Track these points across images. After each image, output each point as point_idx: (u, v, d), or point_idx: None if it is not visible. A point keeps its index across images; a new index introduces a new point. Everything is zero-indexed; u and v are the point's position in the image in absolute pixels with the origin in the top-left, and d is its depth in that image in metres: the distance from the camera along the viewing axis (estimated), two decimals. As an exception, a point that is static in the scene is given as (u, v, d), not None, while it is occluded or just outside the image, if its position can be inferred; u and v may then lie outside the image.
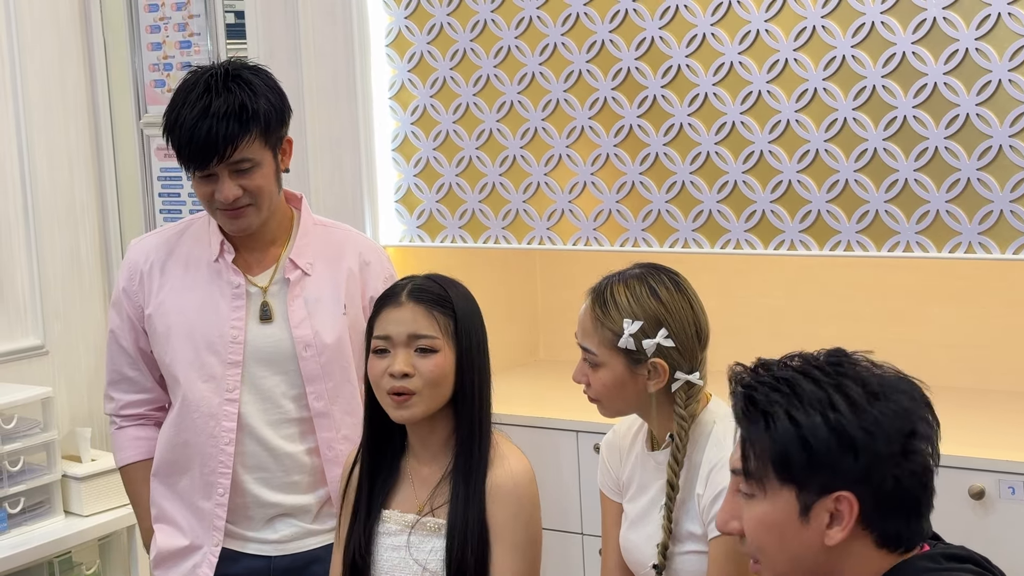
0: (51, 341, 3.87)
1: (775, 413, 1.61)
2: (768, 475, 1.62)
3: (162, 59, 3.90)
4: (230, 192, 2.47)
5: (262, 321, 2.58)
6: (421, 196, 3.58)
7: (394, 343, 2.25)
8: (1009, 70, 2.78)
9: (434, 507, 2.29)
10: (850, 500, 1.59)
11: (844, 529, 1.60)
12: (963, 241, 2.89)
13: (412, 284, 2.29)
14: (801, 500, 1.60)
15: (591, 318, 2.26)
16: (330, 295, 2.61)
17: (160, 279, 2.63)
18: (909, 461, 1.61)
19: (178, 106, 2.48)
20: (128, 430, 2.74)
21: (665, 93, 3.18)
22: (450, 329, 2.26)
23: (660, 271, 2.30)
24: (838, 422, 1.59)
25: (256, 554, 2.63)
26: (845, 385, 1.63)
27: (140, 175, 3.97)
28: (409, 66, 3.53)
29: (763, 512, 1.63)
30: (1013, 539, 2.81)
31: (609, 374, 2.25)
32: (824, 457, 1.59)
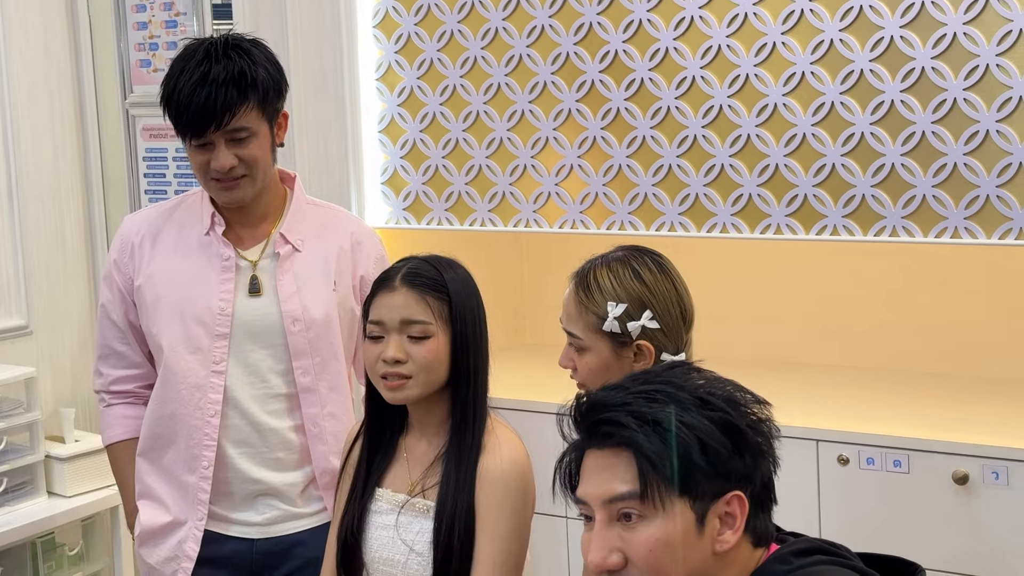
0: (35, 321, 3.85)
1: (666, 421, 1.56)
2: (666, 490, 1.55)
3: (148, 39, 3.88)
4: (226, 161, 2.48)
5: (251, 294, 2.57)
6: (407, 178, 3.57)
7: (387, 328, 2.24)
8: (997, 55, 2.78)
9: (425, 488, 2.28)
10: (742, 499, 1.57)
11: (737, 531, 1.58)
12: (949, 226, 2.89)
13: (407, 268, 2.27)
14: (696, 509, 1.56)
15: (575, 302, 2.25)
16: (320, 271, 2.61)
17: (151, 251, 2.63)
18: (771, 452, 1.62)
19: (176, 74, 2.48)
20: (116, 408, 2.73)
21: (653, 76, 3.17)
22: (444, 313, 2.24)
23: (643, 253, 2.29)
24: (723, 419, 1.58)
25: (239, 536, 2.62)
26: (704, 387, 1.62)
27: (125, 155, 3.96)
28: (396, 47, 3.52)
29: (660, 532, 1.55)
30: (996, 524, 2.82)
31: (595, 358, 2.24)
32: (720, 457, 1.57)
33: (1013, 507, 2.80)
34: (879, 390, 3.38)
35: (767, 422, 1.63)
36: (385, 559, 2.28)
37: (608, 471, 1.59)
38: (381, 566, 2.30)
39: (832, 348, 3.67)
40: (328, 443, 2.61)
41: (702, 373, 1.66)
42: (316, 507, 2.63)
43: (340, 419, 2.63)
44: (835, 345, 3.67)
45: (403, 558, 2.26)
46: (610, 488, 1.58)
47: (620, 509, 1.57)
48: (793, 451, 3.02)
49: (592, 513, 1.61)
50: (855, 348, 3.65)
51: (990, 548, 2.84)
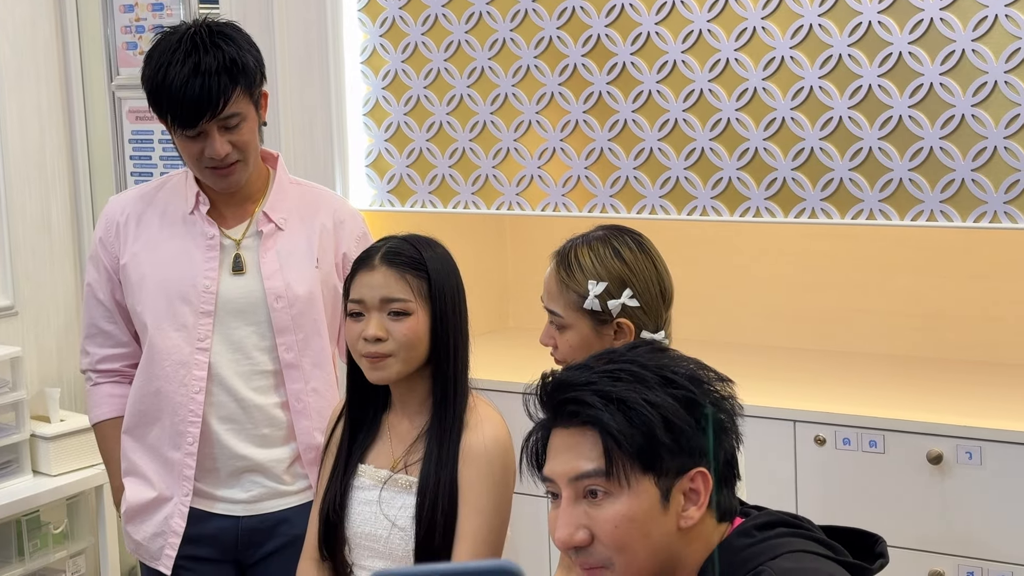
0: (21, 302, 3.87)
1: (630, 399, 1.58)
2: (631, 467, 1.57)
3: (134, 22, 3.90)
4: (221, 148, 2.49)
5: (234, 272, 2.59)
6: (391, 161, 3.59)
7: (367, 307, 2.27)
8: (973, 40, 2.81)
9: (408, 464, 2.31)
10: (705, 475, 1.60)
11: (701, 507, 1.60)
12: (925, 209, 2.92)
13: (386, 247, 2.30)
14: (661, 486, 1.58)
15: (556, 281, 2.29)
16: (303, 249, 2.64)
17: (136, 230, 2.65)
18: (733, 428, 1.65)
19: (164, 66, 2.47)
20: (103, 387, 2.75)
21: (634, 60, 3.20)
22: (424, 291, 2.27)
23: (623, 232, 2.32)
24: (686, 397, 1.60)
25: (225, 514, 2.64)
26: (668, 366, 1.64)
27: (112, 137, 3.97)
28: (381, 31, 3.55)
29: (626, 508, 1.57)
30: (969, 503, 2.86)
31: (576, 336, 2.27)
32: (684, 435, 1.59)
33: (986, 486, 2.84)
34: (855, 372, 3.42)
35: (730, 399, 1.65)
36: (367, 534, 2.31)
37: (574, 449, 1.61)
38: (363, 541, 2.32)
39: (809, 331, 3.71)
40: (312, 419, 2.63)
41: (666, 352, 1.69)
42: (302, 484, 2.66)
43: (324, 395, 2.66)
44: (812, 328, 3.71)
45: (385, 533, 2.29)
46: (576, 466, 1.60)
47: (586, 486, 1.60)
48: (771, 432, 3.06)
49: (559, 491, 1.63)
50: (832, 331, 3.69)
51: (964, 527, 2.88)
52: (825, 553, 1.60)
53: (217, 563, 2.66)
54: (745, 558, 1.59)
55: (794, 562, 1.56)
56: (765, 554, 1.58)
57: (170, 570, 2.63)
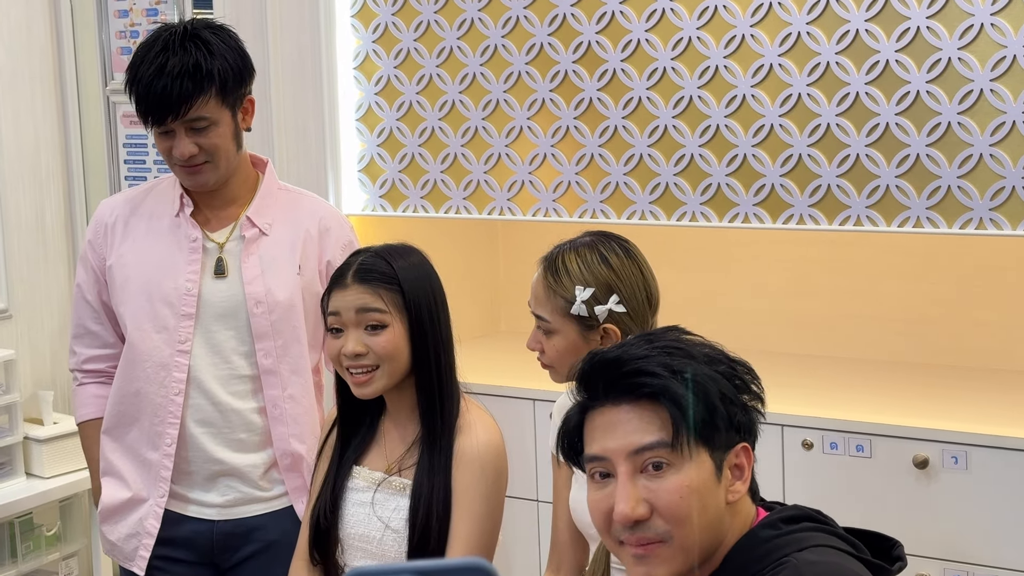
0: (15, 305, 3.89)
1: (689, 372, 1.61)
2: (691, 439, 1.60)
3: (129, 26, 3.92)
4: (186, 149, 2.52)
5: (216, 276, 2.61)
6: (384, 166, 3.62)
7: (344, 322, 2.29)
8: (959, 48, 2.84)
9: (402, 468, 2.33)
10: (748, 450, 1.65)
11: (745, 481, 1.64)
12: (911, 216, 2.95)
13: (358, 263, 2.32)
14: (715, 459, 1.61)
15: (543, 286, 2.30)
16: (286, 255, 2.64)
17: (123, 232, 2.67)
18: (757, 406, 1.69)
19: (137, 63, 2.52)
20: (88, 387, 2.77)
21: (625, 67, 3.22)
22: (398, 303, 2.29)
23: (610, 238, 2.34)
24: (730, 372, 1.65)
25: (198, 517, 2.65)
26: (704, 343, 1.68)
27: (106, 141, 3.99)
28: (373, 37, 3.57)
29: (688, 479, 1.59)
30: (955, 507, 2.88)
31: (562, 341, 2.29)
32: (732, 408, 1.63)
33: (972, 491, 2.86)
34: (842, 377, 3.44)
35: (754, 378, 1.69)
36: (360, 535, 2.32)
37: (632, 423, 1.61)
38: (356, 542, 2.33)
39: (797, 336, 3.73)
40: (288, 425, 2.64)
41: (692, 335, 1.72)
42: (278, 490, 2.67)
43: (300, 402, 2.67)
44: (800, 333, 3.73)
45: (378, 535, 2.31)
46: (637, 439, 1.60)
47: (648, 459, 1.60)
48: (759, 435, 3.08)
49: (611, 469, 1.63)
50: (819, 336, 3.71)
51: (949, 530, 2.91)
52: (848, 550, 1.63)
53: (193, 565, 2.67)
54: (770, 549, 1.61)
55: (819, 555, 1.58)
56: (791, 546, 1.60)
57: (143, 571, 2.64)
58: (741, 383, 1.66)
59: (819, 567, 1.56)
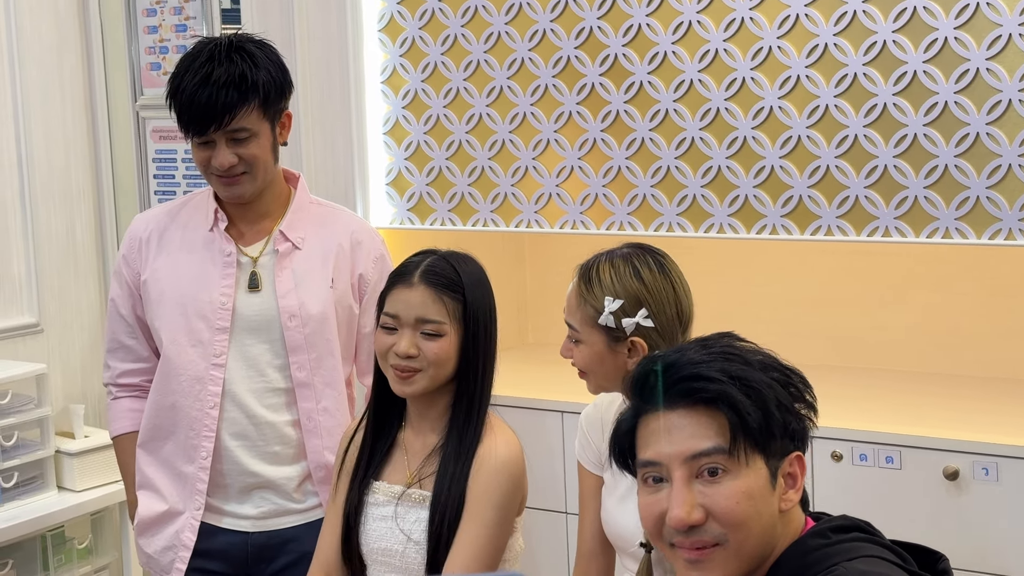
0: (46, 320, 3.91)
1: (746, 378, 1.62)
2: (748, 445, 1.60)
3: (158, 42, 3.94)
4: (225, 159, 2.54)
5: (250, 290, 2.63)
6: (411, 179, 3.63)
7: (402, 323, 2.30)
8: (987, 59, 2.83)
9: (422, 478, 2.34)
10: (802, 459, 1.64)
11: (798, 490, 1.64)
12: (940, 226, 2.94)
13: (426, 264, 2.33)
14: (770, 466, 1.62)
15: (576, 294, 2.31)
16: (319, 269, 2.66)
17: (158, 246, 2.69)
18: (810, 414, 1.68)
19: (182, 72, 2.55)
20: (123, 401, 2.80)
21: (651, 79, 3.23)
22: (458, 313, 2.30)
23: (647, 252, 2.34)
24: (786, 379, 1.65)
25: (233, 529, 2.67)
26: (760, 351, 1.69)
27: (136, 157, 4.02)
28: (401, 51, 3.58)
29: (745, 486, 1.59)
30: (986, 520, 2.87)
31: (588, 350, 2.30)
32: (787, 416, 1.63)
33: (1002, 503, 2.85)
34: (872, 388, 3.43)
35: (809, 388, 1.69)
36: (384, 549, 2.33)
37: (688, 429, 1.61)
38: (380, 557, 2.34)
39: (826, 347, 3.72)
40: (323, 438, 2.66)
41: (746, 341, 1.72)
42: (312, 502, 2.68)
43: (334, 415, 2.68)
44: (829, 344, 3.72)
45: (401, 548, 2.32)
46: (694, 445, 1.60)
47: (704, 465, 1.60)
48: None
49: (664, 474, 1.63)
50: (849, 348, 3.70)
51: (979, 543, 2.89)
52: (896, 562, 1.63)
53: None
54: (819, 558, 1.61)
55: (869, 566, 1.59)
56: (840, 555, 1.61)
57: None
58: (795, 391, 1.66)
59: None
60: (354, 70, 3.61)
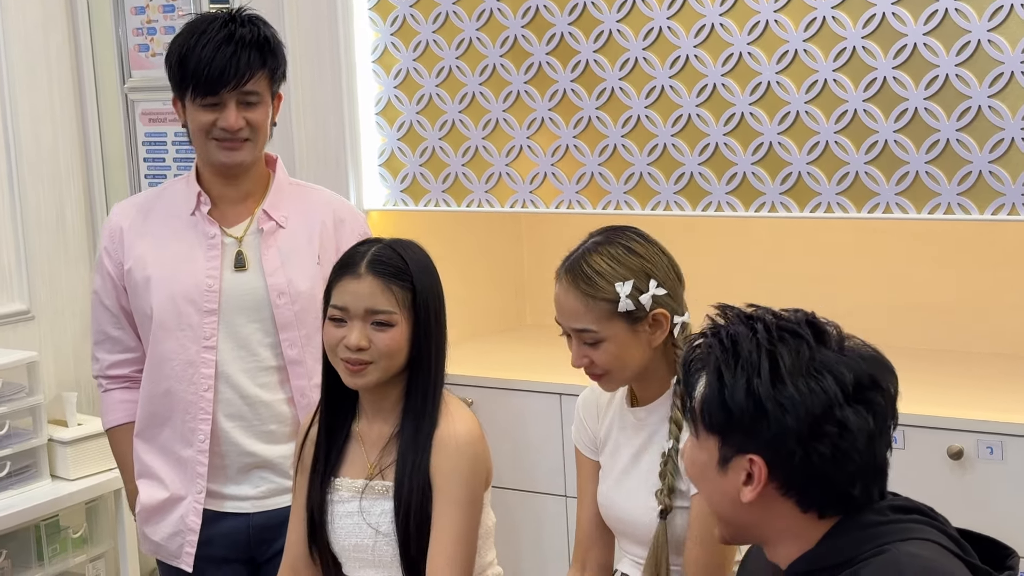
0: (37, 306, 3.87)
1: (710, 367, 1.65)
2: (698, 421, 1.67)
3: (146, 23, 3.89)
4: (235, 120, 2.56)
5: (236, 269, 2.63)
6: (404, 160, 3.58)
7: (351, 314, 2.26)
8: (988, 30, 2.78)
9: (382, 468, 2.31)
10: (759, 464, 1.62)
11: (754, 490, 1.63)
12: (942, 202, 2.89)
13: (371, 254, 2.28)
14: (721, 452, 1.65)
15: (577, 297, 2.24)
16: (304, 247, 2.67)
17: (139, 234, 2.69)
18: (818, 442, 1.60)
19: (197, 33, 2.56)
20: (114, 393, 2.79)
21: (647, 56, 3.18)
22: (408, 302, 2.26)
23: (621, 230, 2.31)
24: (756, 389, 1.61)
25: (235, 512, 2.68)
26: (779, 353, 1.63)
27: (125, 140, 3.97)
28: (392, 29, 3.53)
29: (690, 450, 1.71)
30: (991, 498, 2.84)
31: (614, 344, 2.23)
32: (740, 420, 1.62)
33: (1007, 482, 2.81)
34: (875, 367, 3.38)
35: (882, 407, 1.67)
36: (354, 546, 2.31)
37: None
38: (352, 553, 2.33)
39: (829, 325, 3.67)
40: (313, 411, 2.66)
41: (847, 351, 1.71)
42: None
43: None
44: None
45: (371, 542, 2.30)
46: None
47: None
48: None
49: None
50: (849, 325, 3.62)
51: (985, 522, 2.82)
52: (953, 549, 1.61)
53: (231, 563, 2.70)
54: (873, 535, 1.60)
55: (919, 549, 1.57)
56: (894, 535, 1.60)
57: (191, 567, 2.68)
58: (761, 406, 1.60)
59: (917, 560, 1.55)
60: (345, 49, 3.56)
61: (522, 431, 3.43)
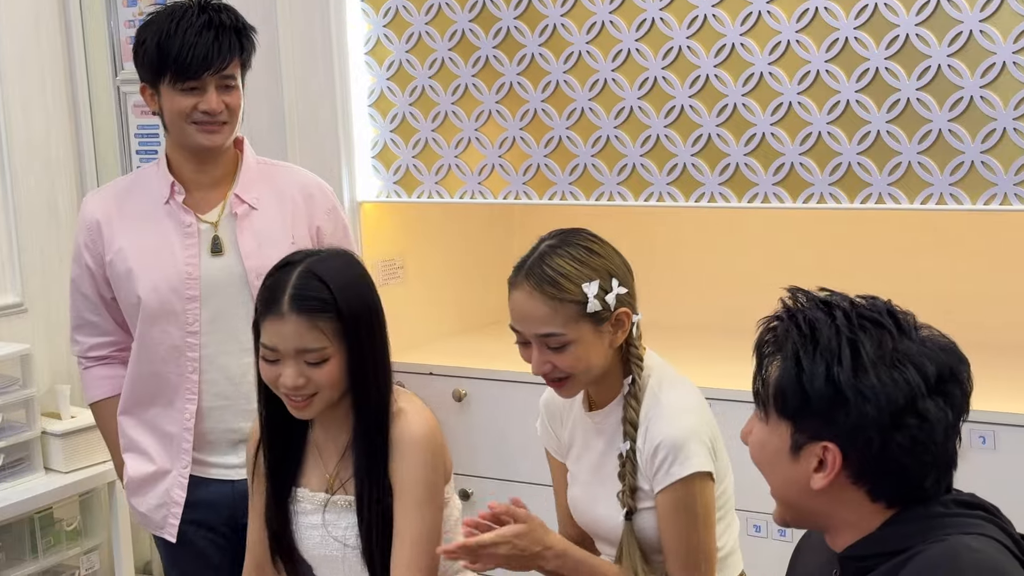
0: (30, 299, 3.87)
1: (786, 351, 1.64)
2: (770, 405, 1.66)
3: (137, 15, 3.88)
4: (217, 103, 2.63)
5: (213, 254, 2.69)
6: (397, 152, 3.58)
7: (282, 354, 2.20)
8: (980, 20, 2.78)
9: (343, 481, 2.29)
10: (834, 452, 1.61)
11: (827, 477, 1.62)
12: (935, 192, 2.90)
13: (292, 288, 2.18)
14: (794, 438, 1.64)
15: (542, 302, 2.20)
16: (278, 227, 2.73)
17: (116, 227, 2.74)
18: (898, 432, 1.60)
19: (175, 19, 2.61)
20: (94, 369, 2.87)
21: (639, 47, 3.18)
22: (338, 331, 2.19)
23: (575, 232, 2.28)
24: (837, 377, 1.60)
25: (220, 479, 2.75)
26: (861, 342, 1.63)
27: (117, 132, 3.96)
28: (384, 21, 3.53)
29: (759, 435, 1.69)
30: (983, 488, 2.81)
31: (581, 346, 2.21)
32: (817, 406, 1.61)
33: (1000, 471, 2.82)
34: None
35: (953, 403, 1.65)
36: (324, 556, 2.31)
37: None
38: (323, 563, 2.32)
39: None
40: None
41: (927, 342, 1.71)
42: None
43: None
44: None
45: (340, 554, 2.29)
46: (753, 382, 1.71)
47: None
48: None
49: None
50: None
51: (977, 512, 2.86)
52: (1014, 550, 1.61)
53: (215, 528, 2.77)
54: (934, 525, 1.61)
55: (980, 544, 1.57)
56: (955, 527, 1.60)
57: (175, 538, 2.76)
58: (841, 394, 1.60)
59: (974, 554, 1.55)
60: (337, 42, 3.56)
61: (512, 422, 3.44)
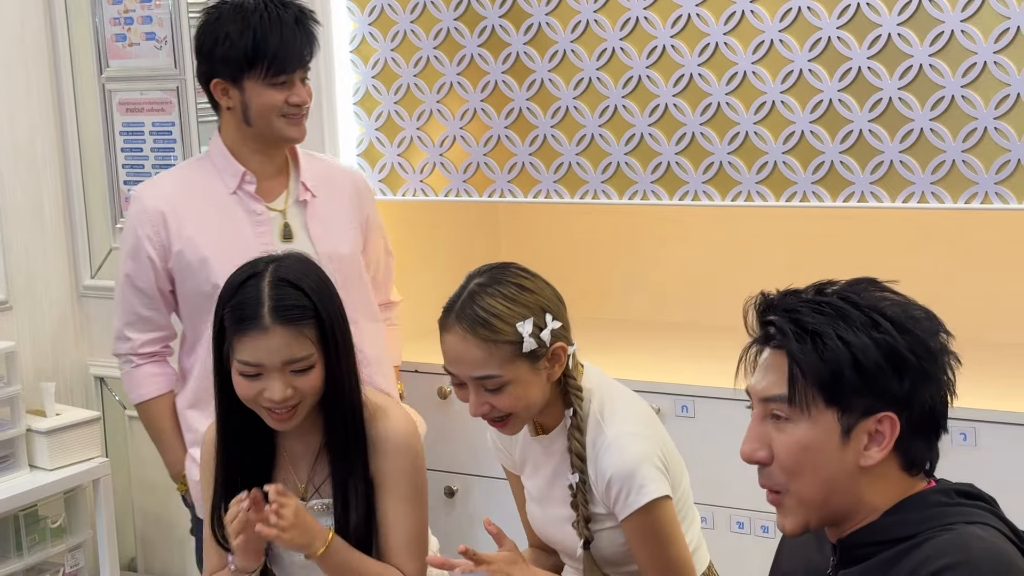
0: (14, 296, 3.86)
1: (825, 333, 1.61)
2: (814, 397, 1.62)
3: (123, 13, 3.88)
4: (305, 95, 2.77)
5: (284, 240, 2.77)
6: (382, 150, 3.59)
7: (267, 369, 2.15)
8: (962, 20, 2.81)
9: (317, 486, 2.27)
10: (893, 420, 1.61)
11: (884, 449, 1.62)
12: (916, 191, 2.92)
13: (272, 300, 2.15)
14: (843, 422, 1.62)
15: (476, 345, 2.16)
16: (339, 213, 2.87)
17: (183, 216, 2.77)
18: (943, 381, 1.65)
19: (264, 16, 2.68)
20: (144, 367, 2.88)
21: (624, 46, 3.19)
22: (319, 335, 2.18)
23: (503, 268, 2.25)
24: (886, 342, 1.61)
25: None
26: (884, 307, 1.65)
27: (102, 129, 3.95)
28: (370, 19, 3.53)
29: (803, 435, 1.63)
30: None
31: (518, 386, 2.18)
32: (874, 377, 1.60)
33: (981, 467, 2.83)
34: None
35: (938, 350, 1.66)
36: (303, 563, 2.25)
37: (771, 371, 1.66)
38: (301, 570, 2.28)
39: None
40: (371, 366, 2.83)
41: (889, 295, 1.69)
42: None
43: (375, 344, 2.89)
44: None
45: None
46: (766, 387, 1.66)
47: (772, 409, 1.65)
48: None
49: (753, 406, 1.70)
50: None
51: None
52: (1014, 540, 1.63)
53: None
54: (937, 514, 1.62)
55: (986, 533, 1.59)
56: (959, 517, 1.61)
57: None
58: (897, 355, 1.61)
59: (985, 543, 1.57)
60: (322, 39, 3.54)
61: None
